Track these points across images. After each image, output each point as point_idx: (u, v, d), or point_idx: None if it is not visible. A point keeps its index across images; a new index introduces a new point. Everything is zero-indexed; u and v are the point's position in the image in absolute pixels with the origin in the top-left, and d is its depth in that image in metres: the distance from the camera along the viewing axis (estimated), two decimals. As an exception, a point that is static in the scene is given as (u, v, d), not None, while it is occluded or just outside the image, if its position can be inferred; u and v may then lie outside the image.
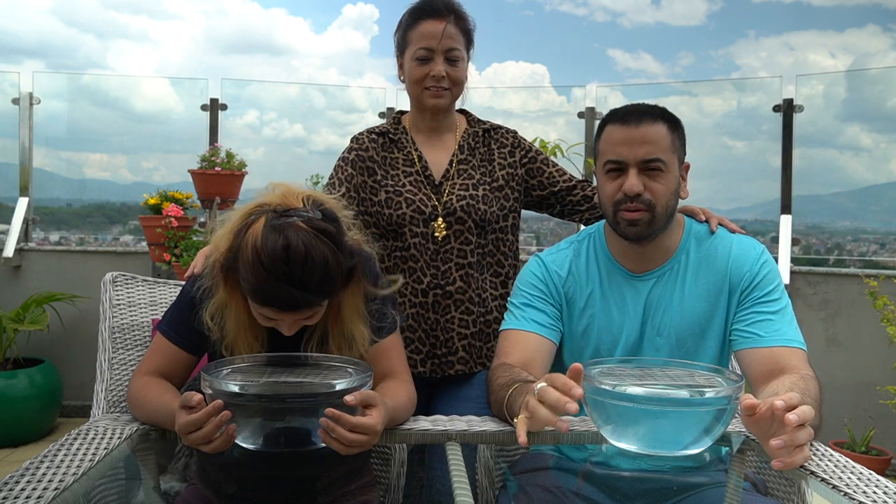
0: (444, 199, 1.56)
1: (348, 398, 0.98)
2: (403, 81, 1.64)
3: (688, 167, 1.33)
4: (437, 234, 1.55)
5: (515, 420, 1.04)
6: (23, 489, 0.85)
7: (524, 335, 1.33)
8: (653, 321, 1.31)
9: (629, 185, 1.23)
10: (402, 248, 1.56)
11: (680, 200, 1.33)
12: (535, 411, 0.98)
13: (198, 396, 0.97)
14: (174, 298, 1.30)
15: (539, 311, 1.35)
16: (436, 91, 1.55)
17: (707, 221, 1.39)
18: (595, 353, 1.33)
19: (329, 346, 1.20)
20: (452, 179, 1.59)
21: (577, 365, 0.98)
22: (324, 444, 1.00)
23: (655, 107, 1.29)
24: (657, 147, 1.24)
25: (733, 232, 1.37)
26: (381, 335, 1.29)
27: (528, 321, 1.34)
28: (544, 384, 0.99)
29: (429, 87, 1.55)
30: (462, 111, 1.71)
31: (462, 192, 1.56)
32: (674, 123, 1.28)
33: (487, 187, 1.59)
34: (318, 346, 1.20)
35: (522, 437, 1.01)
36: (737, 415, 1.06)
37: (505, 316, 1.40)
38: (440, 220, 1.55)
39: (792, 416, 0.90)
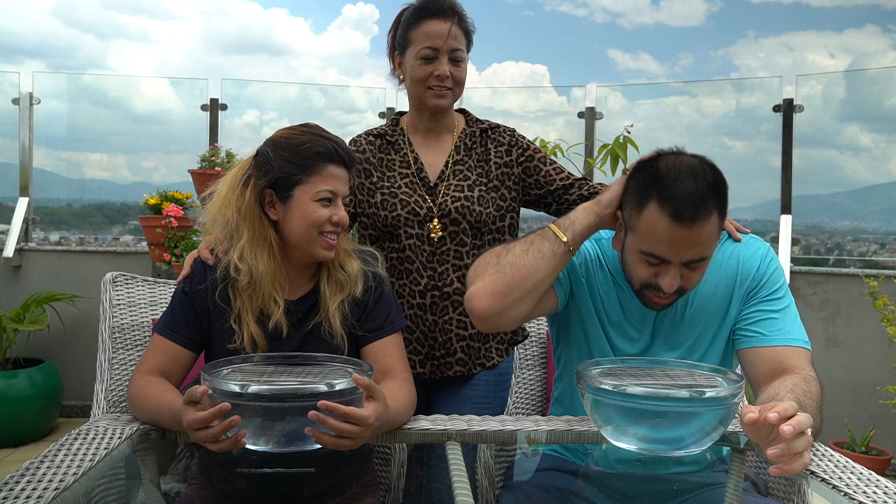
0: (440, 200, 1.56)
1: (356, 376, 1.00)
2: (401, 80, 1.64)
3: None
4: (432, 235, 1.55)
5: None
6: (23, 489, 0.85)
7: None
8: (665, 337, 1.27)
9: (668, 285, 1.13)
10: (399, 250, 1.56)
11: None
12: None
13: (201, 389, 0.97)
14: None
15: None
16: (439, 91, 1.55)
17: None
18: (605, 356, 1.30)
19: (328, 289, 1.29)
20: (448, 180, 1.58)
21: None
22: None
23: (711, 187, 1.09)
24: (705, 247, 1.12)
25: (739, 238, 1.32)
26: (383, 334, 1.30)
27: None
28: None
29: (432, 87, 1.55)
30: (461, 111, 1.71)
31: (457, 194, 1.56)
32: (722, 200, 1.12)
33: (483, 188, 1.59)
34: (320, 290, 1.29)
35: None
36: (737, 415, 1.06)
37: None
38: (436, 221, 1.55)
39: (787, 428, 0.90)
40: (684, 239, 1.09)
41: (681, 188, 1.07)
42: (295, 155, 1.23)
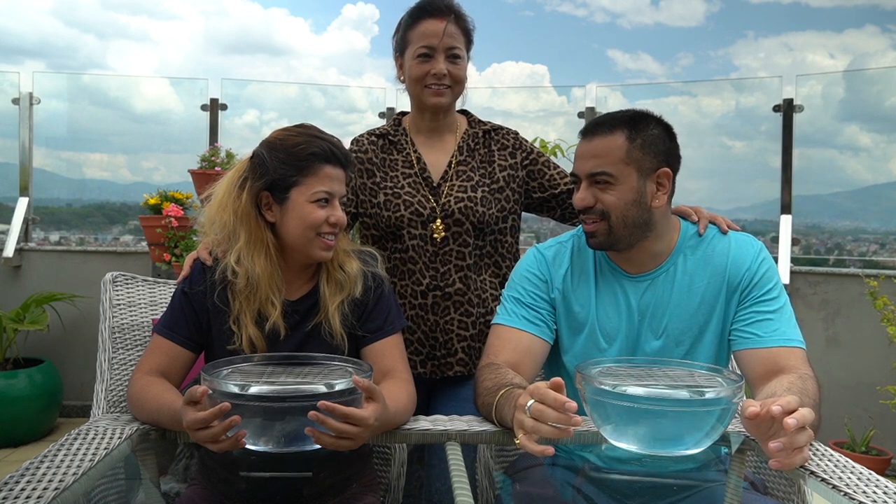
0: (443, 200, 1.56)
1: (356, 378, 1.00)
2: (403, 82, 1.64)
3: (668, 174, 1.26)
4: (435, 235, 1.55)
5: (517, 440, 1.01)
6: (23, 489, 0.85)
7: (515, 333, 1.32)
8: (650, 323, 1.31)
9: (576, 199, 1.29)
10: (401, 250, 1.56)
11: (673, 202, 1.32)
12: (539, 430, 0.96)
13: (201, 389, 0.97)
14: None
15: (533, 310, 1.34)
16: (437, 89, 1.55)
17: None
18: (591, 352, 1.32)
19: (327, 289, 1.28)
20: (451, 181, 1.58)
21: (558, 379, 0.97)
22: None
23: (622, 114, 1.26)
24: (605, 160, 1.23)
25: (727, 229, 1.35)
26: (383, 334, 1.30)
27: (520, 318, 1.33)
28: (535, 403, 0.97)
29: (429, 85, 1.55)
30: (463, 112, 1.71)
31: (460, 194, 1.56)
32: (636, 130, 1.23)
33: (487, 189, 1.59)
34: (319, 291, 1.28)
35: (549, 449, 0.96)
36: (737, 415, 1.06)
37: (498, 308, 1.39)
38: (438, 221, 1.55)
39: (791, 421, 0.90)
40: (586, 151, 1.26)
41: (594, 118, 1.27)
42: (290, 156, 1.23)
